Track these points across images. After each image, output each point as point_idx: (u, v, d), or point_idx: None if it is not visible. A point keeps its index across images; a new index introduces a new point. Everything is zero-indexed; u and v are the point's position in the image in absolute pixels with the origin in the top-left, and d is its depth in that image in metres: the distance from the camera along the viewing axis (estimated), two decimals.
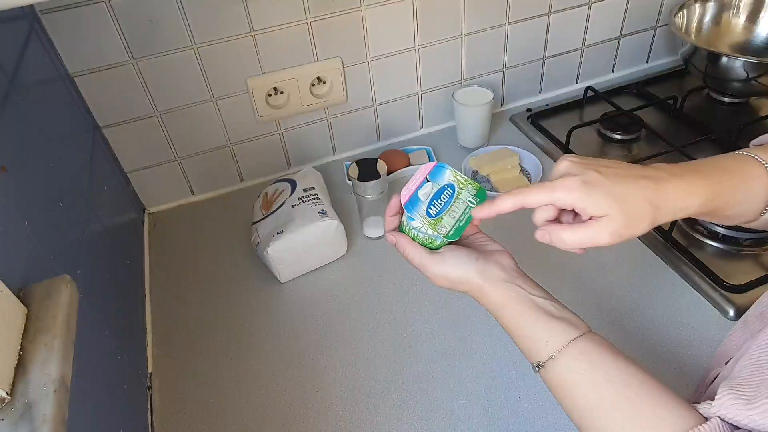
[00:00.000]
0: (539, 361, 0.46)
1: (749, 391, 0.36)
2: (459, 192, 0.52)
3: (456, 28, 0.98)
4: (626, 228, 0.43)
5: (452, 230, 0.51)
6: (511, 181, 0.93)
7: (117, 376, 0.61)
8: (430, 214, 0.51)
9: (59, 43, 0.76)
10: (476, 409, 0.65)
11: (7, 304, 0.41)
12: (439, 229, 0.50)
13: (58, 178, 0.62)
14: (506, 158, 0.94)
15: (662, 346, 0.69)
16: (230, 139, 0.95)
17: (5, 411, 0.37)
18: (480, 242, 0.54)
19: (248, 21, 0.83)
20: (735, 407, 0.36)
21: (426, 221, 0.50)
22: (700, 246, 0.80)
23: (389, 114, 1.04)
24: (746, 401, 0.36)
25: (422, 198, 0.51)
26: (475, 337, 0.72)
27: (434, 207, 0.51)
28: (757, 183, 0.46)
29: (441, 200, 0.51)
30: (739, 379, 0.38)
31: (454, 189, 0.52)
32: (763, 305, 0.46)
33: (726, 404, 0.37)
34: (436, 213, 0.51)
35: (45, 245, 0.51)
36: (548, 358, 0.45)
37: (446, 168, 0.53)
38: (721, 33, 1.11)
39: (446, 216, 0.51)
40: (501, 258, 0.51)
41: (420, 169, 0.53)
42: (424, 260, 0.51)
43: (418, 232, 0.52)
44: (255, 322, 0.78)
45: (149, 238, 0.93)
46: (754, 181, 0.46)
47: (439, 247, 0.52)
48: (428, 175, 0.53)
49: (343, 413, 0.66)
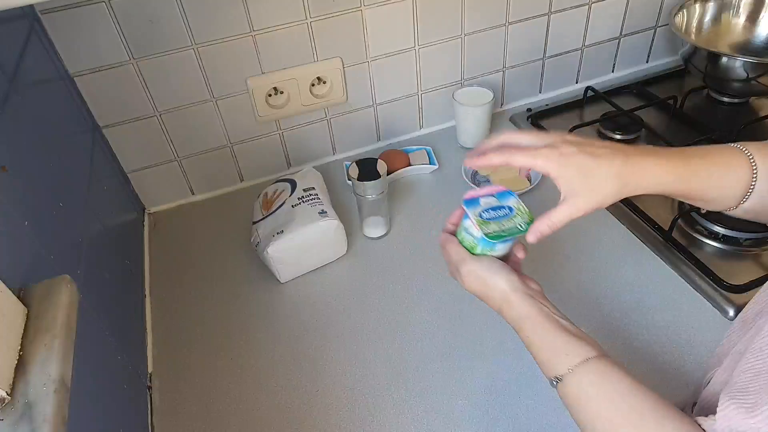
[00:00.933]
0: (557, 374, 0.48)
1: (749, 398, 0.36)
2: (515, 215, 0.56)
3: (456, 28, 0.98)
4: (589, 202, 0.50)
5: (494, 234, 0.54)
6: (511, 181, 0.93)
7: (117, 376, 0.61)
8: (482, 216, 0.55)
9: (59, 43, 0.76)
10: (476, 409, 0.65)
11: (7, 304, 0.41)
12: (484, 228, 0.54)
13: (58, 178, 0.62)
14: None
15: (662, 346, 0.69)
16: (230, 139, 0.95)
17: (5, 411, 0.37)
18: (516, 269, 0.58)
19: (248, 21, 0.83)
20: (738, 417, 0.36)
21: (476, 220, 0.54)
22: (700, 246, 0.80)
23: (389, 114, 1.04)
24: (747, 409, 0.35)
25: (482, 203, 0.57)
26: (475, 337, 0.72)
27: (488, 213, 0.56)
28: (738, 172, 0.49)
29: (497, 212, 0.56)
30: (738, 387, 0.38)
31: (512, 211, 0.57)
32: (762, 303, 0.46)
33: (729, 415, 0.36)
34: (488, 218, 0.55)
35: (45, 245, 0.51)
36: (567, 371, 0.47)
37: (514, 195, 0.58)
38: (721, 33, 1.11)
39: (494, 224, 0.55)
40: (531, 282, 0.56)
41: (492, 186, 0.59)
42: (464, 255, 0.55)
43: (466, 234, 0.56)
44: (255, 322, 0.78)
45: (149, 238, 0.93)
46: (734, 170, 0.49)
47: (479, 254, 0.56)
48: (496, 193, 0.58)
49: (343, 413, 0.66)
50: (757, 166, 0.49)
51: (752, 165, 0.49)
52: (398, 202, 0.94)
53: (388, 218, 0.89)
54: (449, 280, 0.80)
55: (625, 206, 0.87)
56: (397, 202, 0.94)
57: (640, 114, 1.03)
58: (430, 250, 0.85)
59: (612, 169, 0.48)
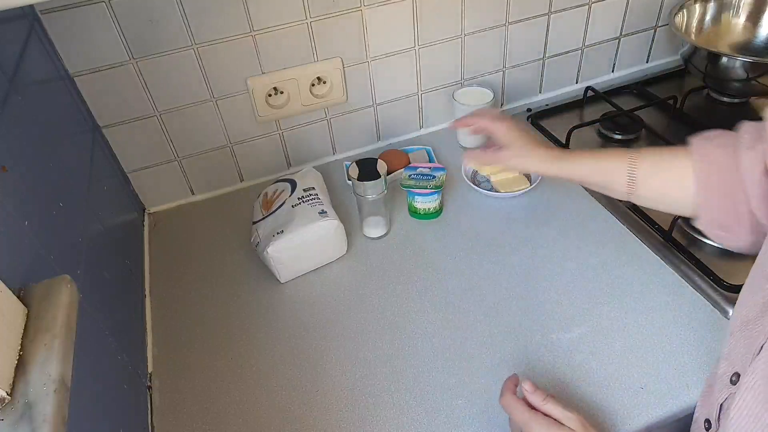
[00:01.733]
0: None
1: None
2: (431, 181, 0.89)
3: (456, 28, 0.98)
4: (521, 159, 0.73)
5: (407, 185, 0.89)
6: (511, 181, 0.93)
7: (117, 376, 0.61)
8: (410, 177, 0.91)
9: (59, 43, 0.76)
10: (476, 409, 0.65)
11: (7, 304, 0.41)
12: (404, 182, 0.90)
13: (58, 178, 0.62)
14: None
15: (662, 346, 0.69)
16: (230, 139, 0.95)
17: (5, 411, 0.37)
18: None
19: (248, 21, 0.83)
20: None
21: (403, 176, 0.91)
22: (700, 246, 0.80)
23: (389, 114, 1.04)
24: None
25: (417, 171, 0.92)
26: (475, 337, 0.72)
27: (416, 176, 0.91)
28: (618, 173, 0.64)
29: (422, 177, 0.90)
30: None
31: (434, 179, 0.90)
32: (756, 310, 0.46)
33: None
34: (413, 177, 0.91)
35: (45, 245, 0.51)
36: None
37: (443, 171, 0.91)
38: (721, 33, 1.11)
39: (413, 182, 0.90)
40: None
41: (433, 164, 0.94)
42: None
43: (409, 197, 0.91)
44: (255, 322, 0.78)
45: (149, 238, 0.93)
46: (615, 171, 0.64)
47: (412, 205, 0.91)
48: (432, 168, 0.92)
49: (343, 413, 0.66)
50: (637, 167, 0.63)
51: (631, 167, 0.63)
52: (398, 202, 0.94)
53: (388, 218, 0.89)
54: (449, 280, 0.80)
55: (625, 206, 0.87)
56: (397, 202, 0.94)
57: (640, 114, 1.03)
58: (430, 250, 0.86)
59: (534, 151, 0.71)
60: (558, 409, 0.55)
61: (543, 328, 0.72)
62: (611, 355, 0.69)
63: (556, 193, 0.92)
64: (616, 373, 0.66)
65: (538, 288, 0.78)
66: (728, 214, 0.56)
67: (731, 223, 0.56)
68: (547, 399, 0.55)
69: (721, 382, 0.48)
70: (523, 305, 0.76)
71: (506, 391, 0.58)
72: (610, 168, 0.65)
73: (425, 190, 0.87)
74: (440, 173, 0.89)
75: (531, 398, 0.56)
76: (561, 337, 0.71)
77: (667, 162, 0.62)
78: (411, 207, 0.90)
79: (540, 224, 0.87)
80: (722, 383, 0.47)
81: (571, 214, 0.89)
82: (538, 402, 0.56)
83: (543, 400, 0.55)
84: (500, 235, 0.87)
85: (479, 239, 0.86)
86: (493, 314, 0.75)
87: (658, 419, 0.62)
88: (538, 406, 0.56)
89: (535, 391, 0.56)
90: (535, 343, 0.71)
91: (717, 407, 0.48)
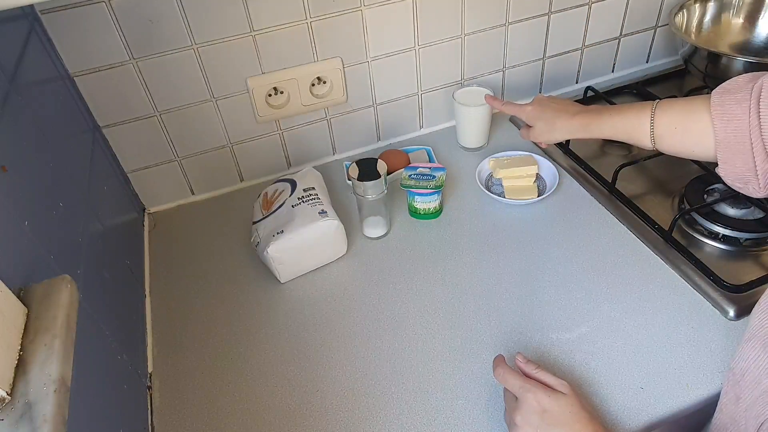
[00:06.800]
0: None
1: None
2: (430, 181, 0.90)
3: (456, 28, 0.98)
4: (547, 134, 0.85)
5: (407, 185, 0.89)
6: (523, 189, 0.92)
7: (117, 376, 0.61)
8: (410, 176, 0.91)
9: (59, 43, 0.76)
10: (476, 409, 0.65)
11: (7, 304, 0.41)
12: (404, 182, 0.91)
13: (58, 178, 0.62)
14: (525, 165, 0.93)
15: (662, 346, 0.69)
16: (230, 139, 0.95)
17: (5, 411, 0.37)
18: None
19: (248, 21, 0.83)
20: None
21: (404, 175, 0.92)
22: (700, 246, 0.80)
23: (389, 114, 1.04)
24: None
25: (418, 171, 0.93)
26: (475, 337, 0.72)
27: (416, 176, 0.92)
28: (640, 132, 0.72)
29: (422, 177, 0.91)
30: None
31: (434, 179, 0.90)
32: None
33: None
34: (413, 177, 0.92)
35: (45, 245, 0.51)
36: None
37: (443, 170, 0.91)
38: (721, 33, 1.11)
39: (413, 181, 0.91)
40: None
41: (433, 163, 0.95)
42: None
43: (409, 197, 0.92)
44: (255, 322, 0.78)
45: (149, 238, 0.93)
46: (637, 131, 0.72)
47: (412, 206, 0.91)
48: (432, 168, 0.92)
49: (343, 413, 0.66)
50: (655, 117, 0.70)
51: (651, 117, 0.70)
52: (398, 202, 0.94)
53: (388, 218, 0.89)
54: (448, 279, 0.80)
55: (625, 206, 0.87)
56: (397, 202, 0.94)
57: None
58: (430, 250, 0.86)
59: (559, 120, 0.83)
60: (549, 376, 0.58)
61: (543, 328, 0.72)
62: (611, 355, 0.69)
63: (557, 196, 0.92)
64: (616, 373, 0.67)
65: (538, 288, 0.78)
66: (748, 169, 0.60)
67: (750, 177, 0.60)
68: (539, 368, 0.59)
69: (763, 400, 0.47)
70: (523, 305, 0.76)
71: (499, 363, 0.61)
72: (633, 129, 0.72)
73: (425, 190, 0.87)
74: (440, 173, 0.89)
75: (524, 368, 0.60)
76: (561, 337, 0.71)
77: (688, 121, 0.67)
78: (411, 207, 0.90)
79: (540, 225, 0.87)
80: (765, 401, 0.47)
81: (571, 214, 0.89)
82: (531, 371, 0.59)
83: (535, 369, 0.59)
84: (500, 235, 0.87)
85: (479, 239, 0.86)
86: (493, 314, 0.75)
87: (658, 419, 0.62)
88: (531, 374, 0.59)
89: (528, 362, 0.60)
90: (535, 342, 0.71)
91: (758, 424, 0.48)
